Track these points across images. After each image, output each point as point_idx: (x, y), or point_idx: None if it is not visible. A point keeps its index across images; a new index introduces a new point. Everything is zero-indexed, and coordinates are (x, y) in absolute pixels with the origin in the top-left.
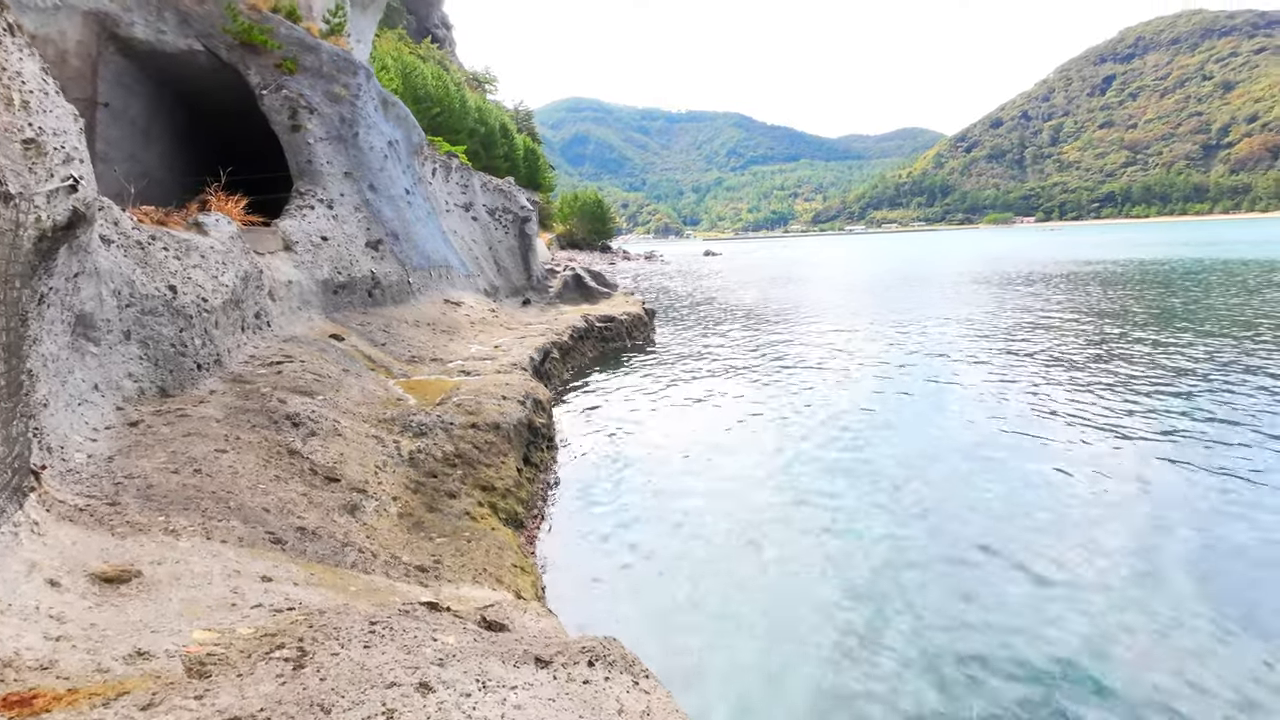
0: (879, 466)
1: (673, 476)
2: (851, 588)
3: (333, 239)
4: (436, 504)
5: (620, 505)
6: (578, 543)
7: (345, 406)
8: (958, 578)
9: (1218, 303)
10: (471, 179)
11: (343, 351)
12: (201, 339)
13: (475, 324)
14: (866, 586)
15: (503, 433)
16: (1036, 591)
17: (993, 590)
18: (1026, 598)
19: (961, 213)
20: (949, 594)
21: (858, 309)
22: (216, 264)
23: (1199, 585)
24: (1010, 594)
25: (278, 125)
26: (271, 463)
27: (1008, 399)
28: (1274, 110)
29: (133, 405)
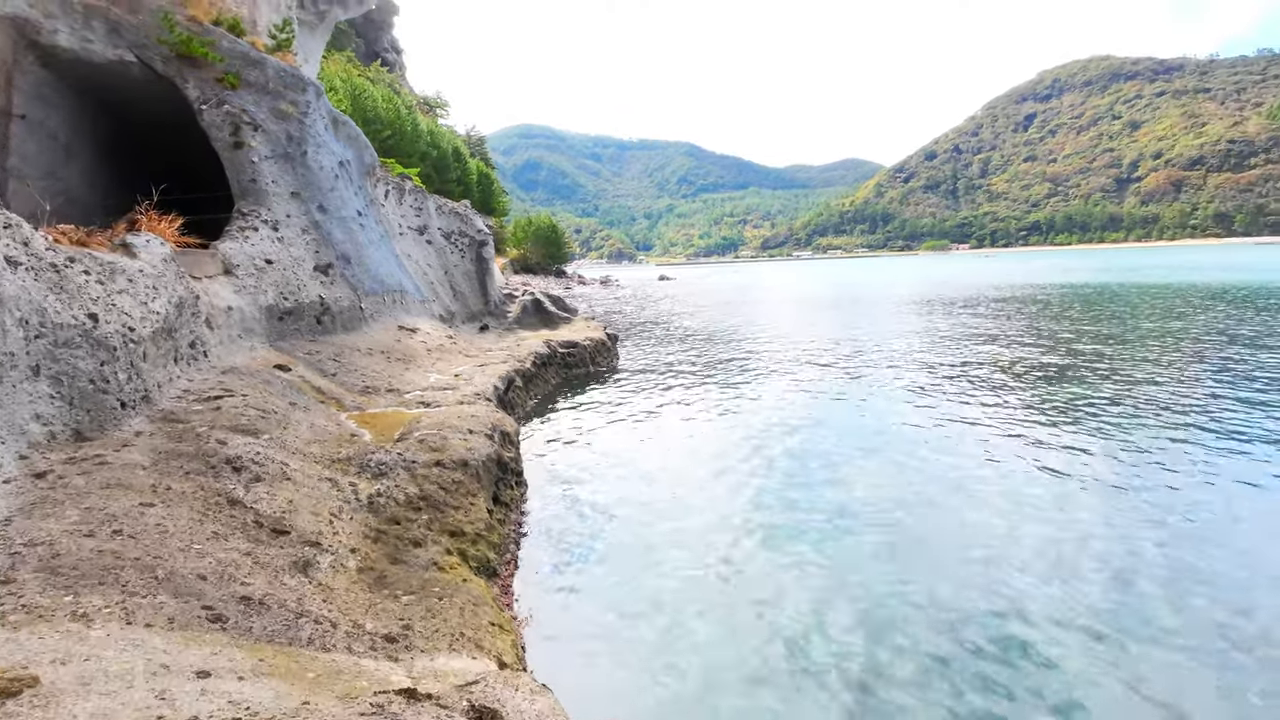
0: (849, 495)
1: (646, 509)
2: (842, 629)
3: (278, 262)
4: (400, 554)
5: (595, 544)
6: (555, 591)
7: (294, 446)
8: (967, 619)
9: (1147, 324)
10: (426, 202)
11: (289, 383)
12: (127, 373)
13: (432, 351)
14: (854, 627)
15: (471, 470)
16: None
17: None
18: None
19: (902, 239)
20: (959, 630)
21: (816, 332)
22: (146, 289)
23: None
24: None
25: (218, 142)
26: (209, 516)
27: (952, 406)
28: (1175, 148)
29: (40, 453)
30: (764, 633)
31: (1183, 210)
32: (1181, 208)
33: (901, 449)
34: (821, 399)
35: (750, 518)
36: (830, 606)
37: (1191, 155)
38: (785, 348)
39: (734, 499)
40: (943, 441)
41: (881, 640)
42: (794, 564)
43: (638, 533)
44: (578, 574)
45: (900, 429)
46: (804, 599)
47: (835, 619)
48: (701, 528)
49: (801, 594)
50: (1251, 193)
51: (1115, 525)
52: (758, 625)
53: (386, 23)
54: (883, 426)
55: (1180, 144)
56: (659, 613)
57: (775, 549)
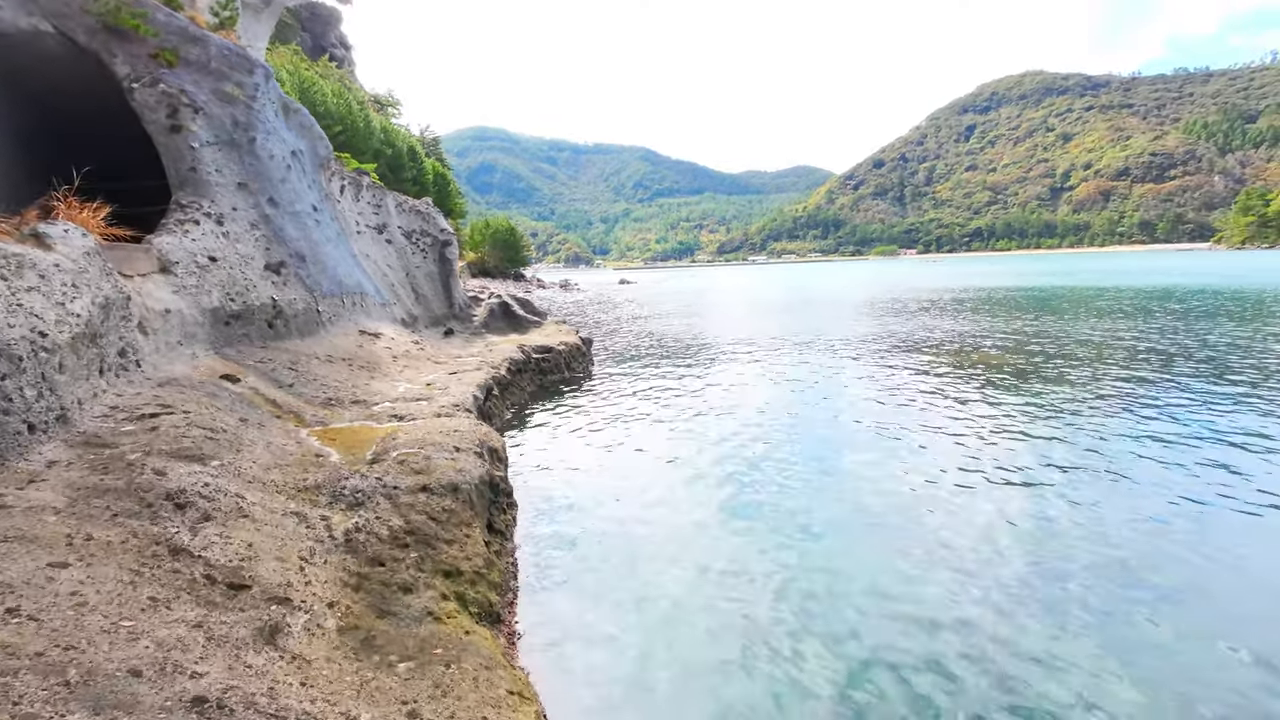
0: (848, 500)
1: (646, 526)
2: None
3: (223, 260)
4: (389, 604)
5: (599, 571)
6: (565, 636)
7: (250, 473)
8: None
9: (1086, 326)
10: (385, 198)
11: (239, 396)
12: (36, 388)
13: (399, 358)
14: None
15: (463, 496)
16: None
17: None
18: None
19: (853, 245)
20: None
21: (784, 334)
22: (63, 287)
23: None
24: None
25: (152, 125)
26: (145, 575)
27: (912, 398)
28: (1103, 159)
29: None
30: (811, 684)
31: (1111, 218)
32: (1110, 216)
33: (884, 448)
34: (802, 398)
35: (755, 532)
36: (869, 631)
37: (1118, 166)
38: (757, 350)
39: (734, 512)
40: (918, 438)
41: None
42: (821, 584)
43: (643, 555)
44: (585, 609)
45: (881, 428)
46: (847, 633)
47: (878, 647)
48: (709, 548)
49: (843, 627)
50: (1171, 202)
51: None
52: (797, 672)
53: (334, 17)
54: (864, 425)
55: (1108, 156)
56: (677, 652)
57: (790, 567)
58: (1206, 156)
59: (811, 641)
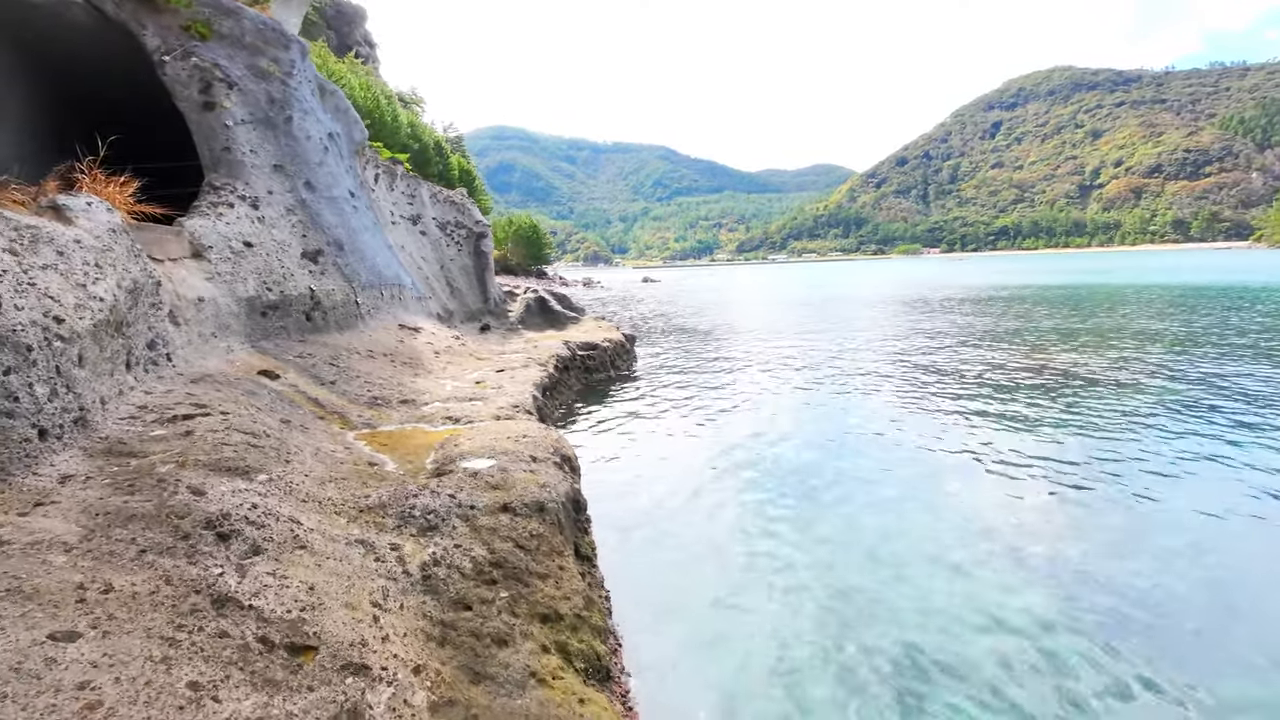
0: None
1: (737, 546)
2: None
3: (259, 246)
4: (483, 663)
5: (696, 604)
6: (689, 702)
7: (303, 489)
8: None
9: (1138, 322)
10: (419, 188)
11: (279, 394)
12: (49, 385)
13: (441, 354)
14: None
15: (550, 517)
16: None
17: None
18: None
19: (874, 244)
20: None
21: (819, 328)
22: (84, 267)
23: None
24: None
25: (185, 102)
26: (182, 646)
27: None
28: (1135, 156)
29: None
30: None
31: (1142, 216)
32: (1141, 214)
33: (970, 457)
34: (850, 399)
35: (864, 544)
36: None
37: (1150, 163)
38: (799, 347)
39: (839, 527)
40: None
41: None
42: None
43: (746, 583)
44: (702, 663)
45: (954, 427)
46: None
47: None
48: (817, 573)
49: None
50: (1206, 200)
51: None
52: None
53: (359, 15)
54: (935, 427)
55: (1139, 152)
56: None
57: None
58: (1244, 153)
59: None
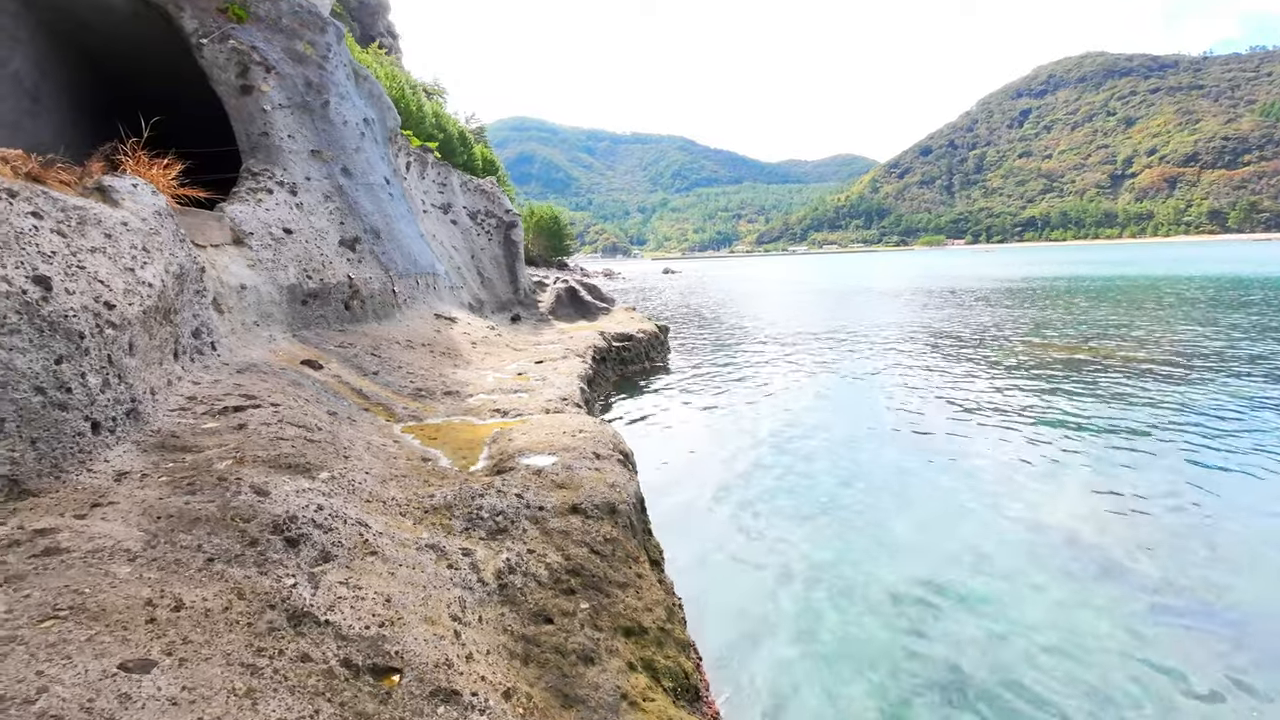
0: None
1: (805, 546)
2: None
3: (298, 233)
4: (571, 684)
5: (772, 612)
6: (779, 714)
7: (365, 488)
8: None
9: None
10: (450, 177)
11: (323, 386)
12: (101, 374)
13: (477, 345)
14: None
15: (622, 520)
16: None
17: None
18: None
19: (897, 235)
20: None
21: (846, 320)
22: (132, 250)
23: None
24: None
25: (222, 86)
26: (264, 675)
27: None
28: (1170, 144)
29: None
30: None
31: (1177, 207)
32: (1176, 204)
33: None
34: (887, 389)
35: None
36: None
37: (1186, 152)
38: (827, 339)
39: (900, 522)
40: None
41: None
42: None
43: (820, 589)
44: (793, 677)
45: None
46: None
47: None
48: (893, 572)
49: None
50: (1245, 189)
51: None
52: None
53: (383, 6)
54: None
55: (1174, 141)
56: None
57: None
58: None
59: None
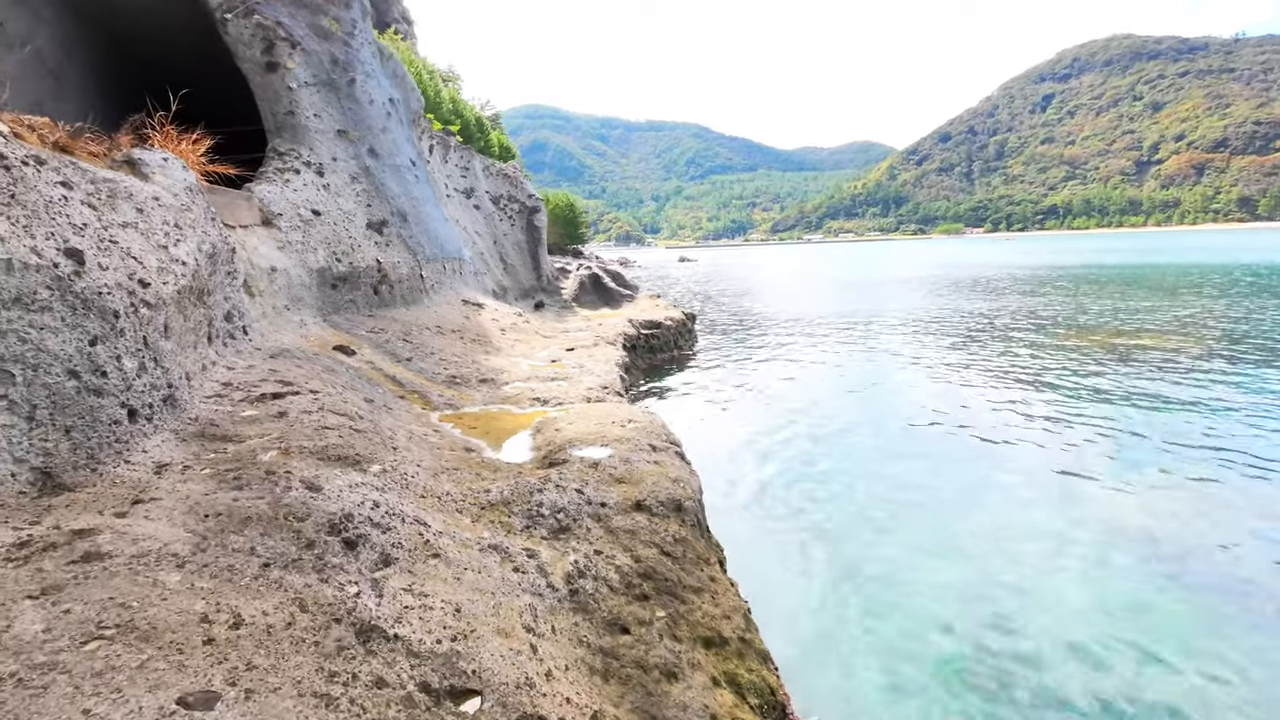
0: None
1: (870, 544)
2: None
3: (326, 215)
4: (659, 706)
5: (840, 614)
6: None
7: (418, 482)
8: None
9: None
10: (473, 160)
11: (357, 372)
12: (137, 357)
13: (506, 331)
14: None
15: (689, 518)
16: None
17: None
18: None
19: (914, 223)
20: None
21: (870, 308)
22: (164, 227)
23: None
24: None
25: (247, 63)
26: (337, 694)
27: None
28: (1199, 130)
29: None
30: None
31: (1205, 194)
32: (1203, 191)
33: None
34: (919, 380)
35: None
36: None
37: (1215, 137)
38: (851, 329)
39: (951, 519)
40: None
41: None
42: None
43: (876, 580)
44: (858, 682)
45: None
46: None
47: None
48: (951, 569)
49: None
50: (1277, 176)
51: None
52: None
53: None
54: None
55: (1203, 126)
56: None
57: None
58: None
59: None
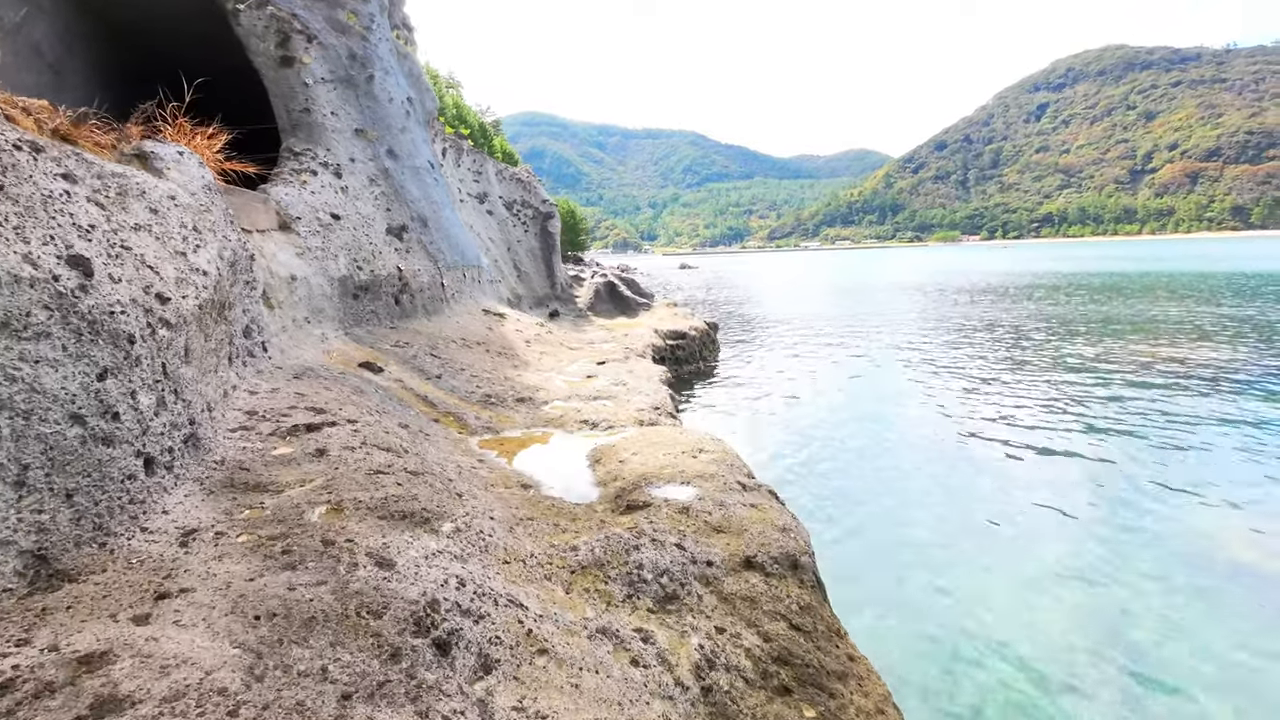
0: None
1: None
2: None
3: (346, 219)
4: None
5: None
6: None
7: (496, 542)
8: None
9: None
10: (485, 165)
11: (386, 392)
12: (155, 391)
13: (531, 344)
14: None
15: (807, 578)
16: None
17: None
18: None
19: (911, 230)
20: None
21: (884, 318)
22: (182, 230)
23: None
24: None
25: (260, 57)
26: None
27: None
28: (1191, 139)
29: None
30: None
31: (1199, 202)
32: (1197, 200)
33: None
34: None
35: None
36: None
37: (1208, 146)
38: (864, 335)
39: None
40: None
41: None
42: None
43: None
44: None
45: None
46: None
47: None
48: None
49: None
50: (1270, 185)
51: None
52: None
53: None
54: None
55: (1196, 135)
56: None
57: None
58: None
59: None
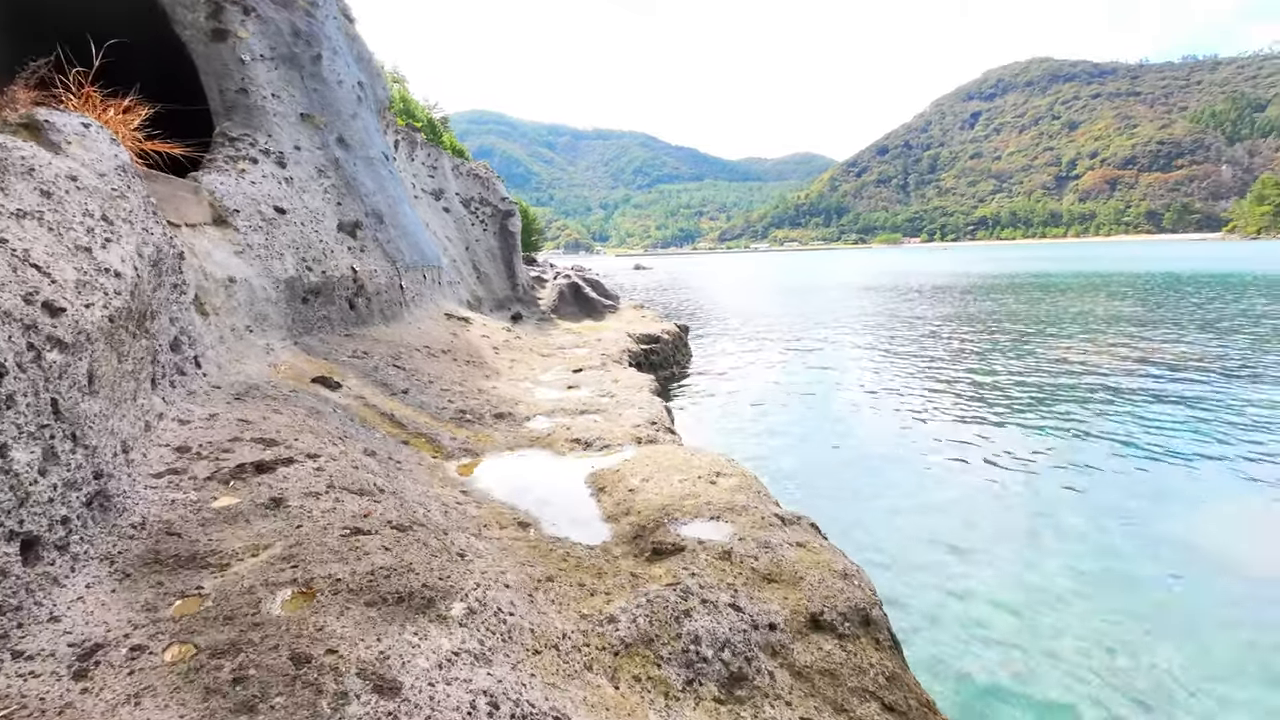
0: None
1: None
2: None
3: (292, 213)
4: None
5: None
6: None
7: (519, 623)
8: None
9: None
10: (441, 159)
11: (347, 412)
12: (39, 442)
13: (500, 351)
14: None
15: (881, 635)
16: None
17: None
18: None
19: (855, 233)
20: None
21: (849, 319)
22: (85, 219)
23: None
24: None
25: (189, 29)
26: None
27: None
28: (1110, 148)
29: None
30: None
31: (1117, 208)
32: (1116, 205)
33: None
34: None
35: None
36: None
37: (1125, 155)
38: (837, 334)
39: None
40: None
41: None
42: None
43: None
44: None
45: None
46: None
47: None
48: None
49: None
50: (1178, 192)
51: None
52: None
53: None
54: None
55: (1115, 144)
56: None
57: None
58: (1214, 145)
59: None
